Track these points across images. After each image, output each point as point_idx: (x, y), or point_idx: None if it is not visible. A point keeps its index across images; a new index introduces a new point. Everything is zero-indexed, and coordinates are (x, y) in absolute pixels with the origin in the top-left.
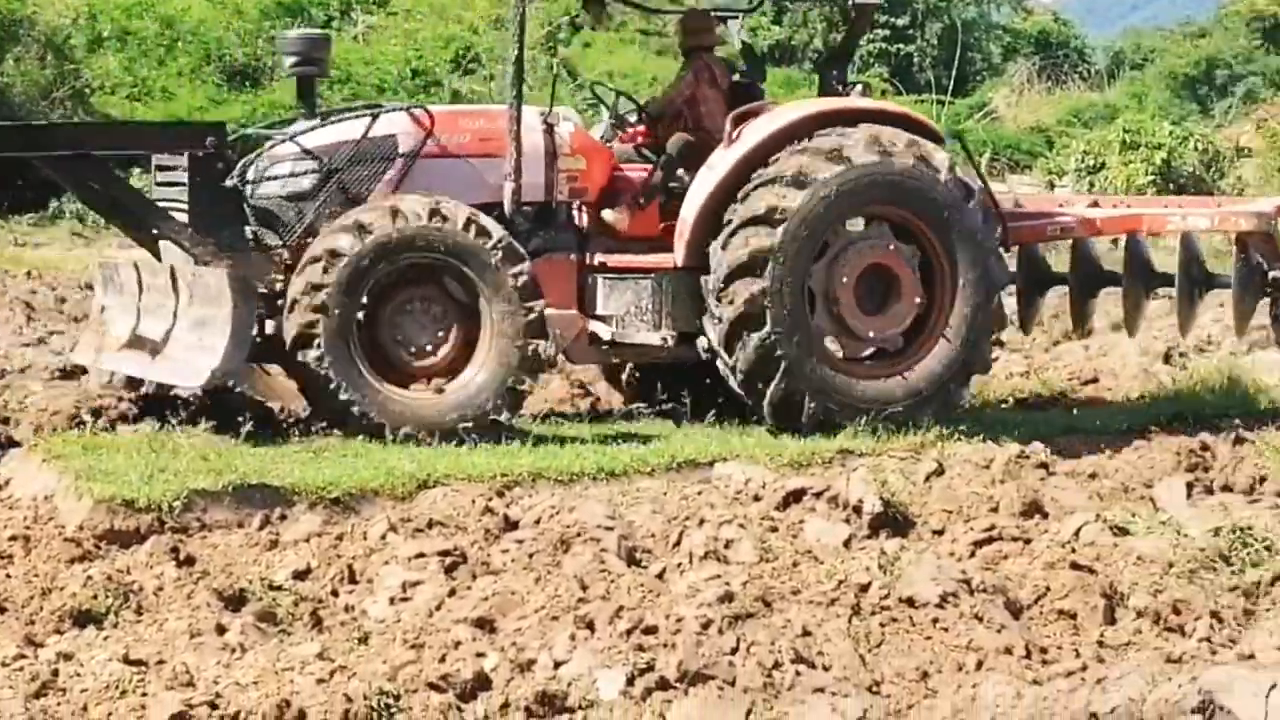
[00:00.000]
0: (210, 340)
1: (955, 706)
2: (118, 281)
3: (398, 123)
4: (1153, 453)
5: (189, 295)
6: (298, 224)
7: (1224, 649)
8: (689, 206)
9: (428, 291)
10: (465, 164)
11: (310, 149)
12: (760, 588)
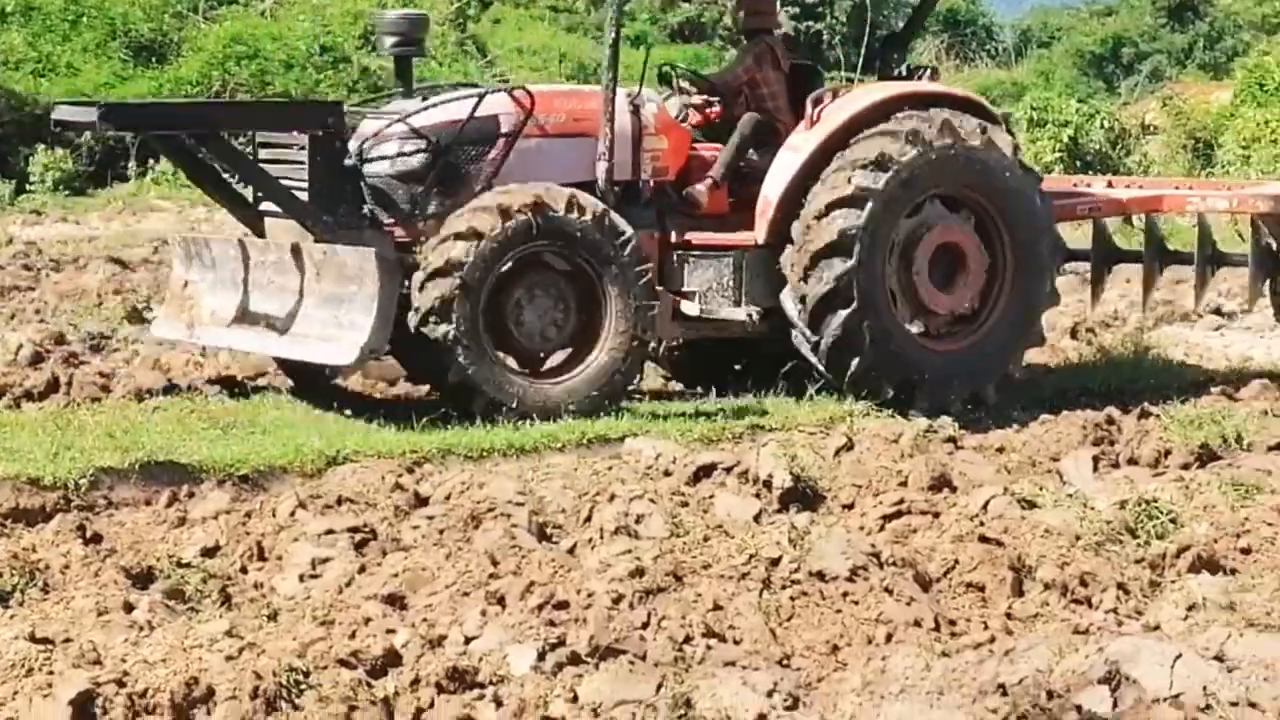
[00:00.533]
0: (352, 317)
1: (865, 678)
2: (207, 258)
3: (500, 103)
4: (1060, 427)
5: (315, 273)
6: (408, 203)
7: (1130, 620)
8: (772, 186)
9: (550, 278)
10: (561, 144)
11: (418, 129)
12: (671, 562)
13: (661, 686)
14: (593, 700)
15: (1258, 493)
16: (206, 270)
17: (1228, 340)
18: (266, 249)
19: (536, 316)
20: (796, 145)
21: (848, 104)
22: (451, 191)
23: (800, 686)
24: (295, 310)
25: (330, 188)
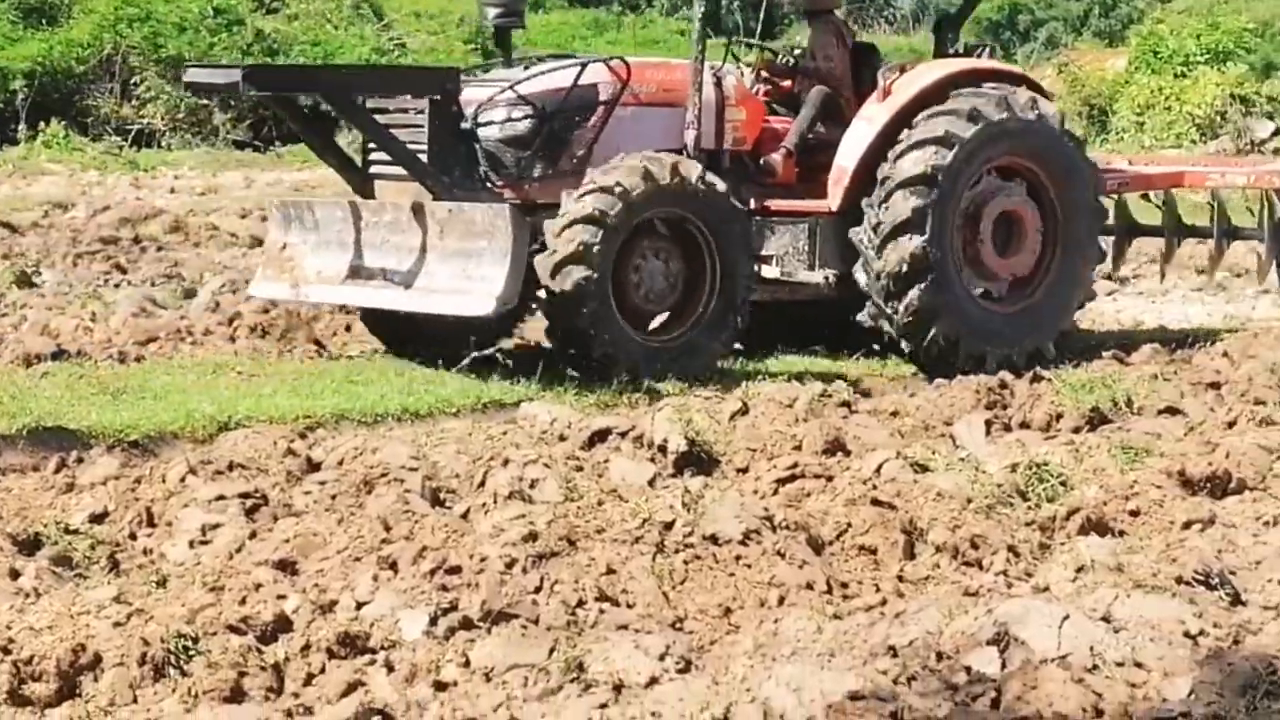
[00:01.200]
0: (483, 270)
1: (757, 641)
2: (309, 220)
3: (600, 73)
4: (953, 391)
5: (439, 230)
6: (514, 166)
7: (1020, 582)
8: (846, 155)
9: (661, 243)
10: (652, 113)
11: (526, 96)
12: (565, 527)
13: (554, 650)
14: (485, 664)
15: (1147, 455)
16: (308, 232)
17: (1120, 305)
18: (381, 209)
19: (649, 278)
20: (870, 117)
21: (916, 79)
22: (554, 156)
23: (692, 649)
24: (417, 266)
25: (447, 150)
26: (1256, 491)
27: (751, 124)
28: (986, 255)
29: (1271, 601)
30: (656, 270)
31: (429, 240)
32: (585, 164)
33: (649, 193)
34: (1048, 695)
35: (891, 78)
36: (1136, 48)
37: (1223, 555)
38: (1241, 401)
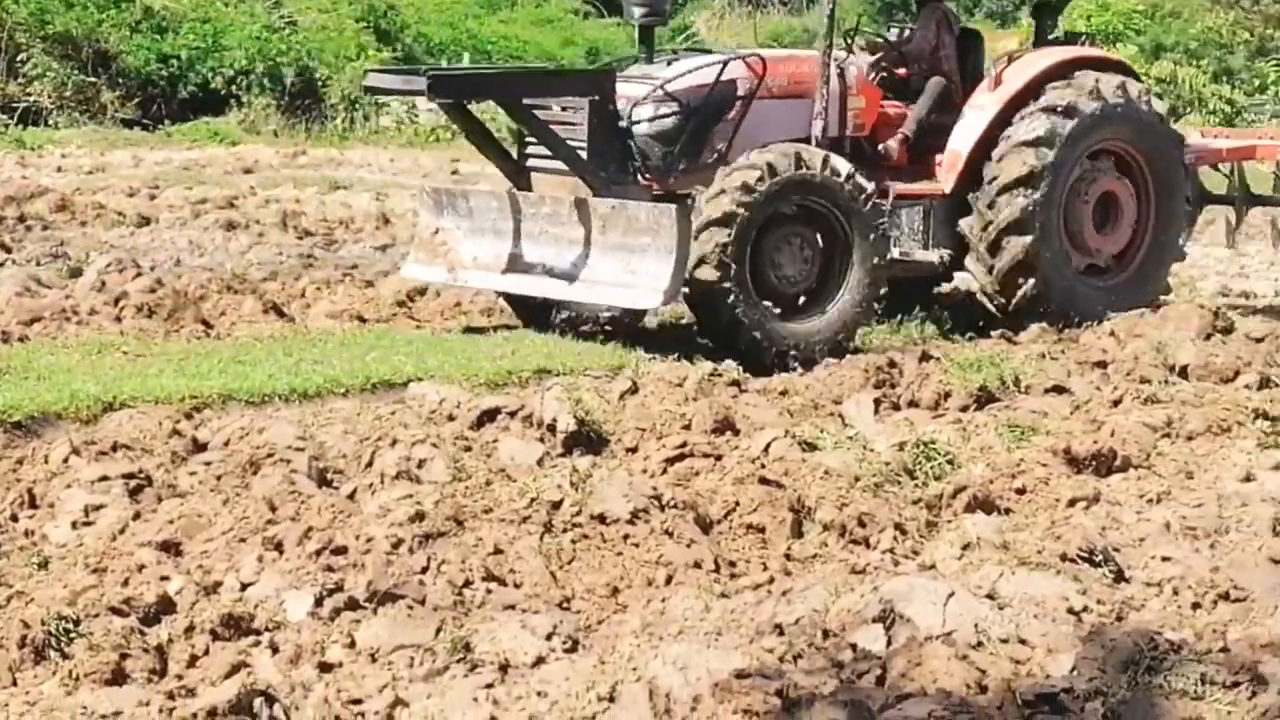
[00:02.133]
0: (649, 266)
1: (645, 620)
2: (462, 207)
3: (738, 69)
4: (842, 370)
5: (601, 225)
6: (661, 160)
7: (907, 560)
8: (960, 140)
9: (796, 229)
10: (783, 105)
11: (672, 93)
12: (452, 507)
13: (440, 630)
14: (370, 645)
15: (1033, 434)
16: (461, 219)
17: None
18: (539, 202)
19: (787, 263)
20: (982, 104)
21: (1026, 67)
22: (697, 150)
23: (580, 629)
24: (579, 259)
25: (604, 147)
26: (1141, 469)
27: (870, 111)
28: (1088, 235)
29: (1154, 578)
30: (794, 257)
31: (591, 234)
32: (725, 157)
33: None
34: (932, 672)
35: (1002, 66)
36: (1028, 29)
37: (1107, 533)
38: (1127, 380)
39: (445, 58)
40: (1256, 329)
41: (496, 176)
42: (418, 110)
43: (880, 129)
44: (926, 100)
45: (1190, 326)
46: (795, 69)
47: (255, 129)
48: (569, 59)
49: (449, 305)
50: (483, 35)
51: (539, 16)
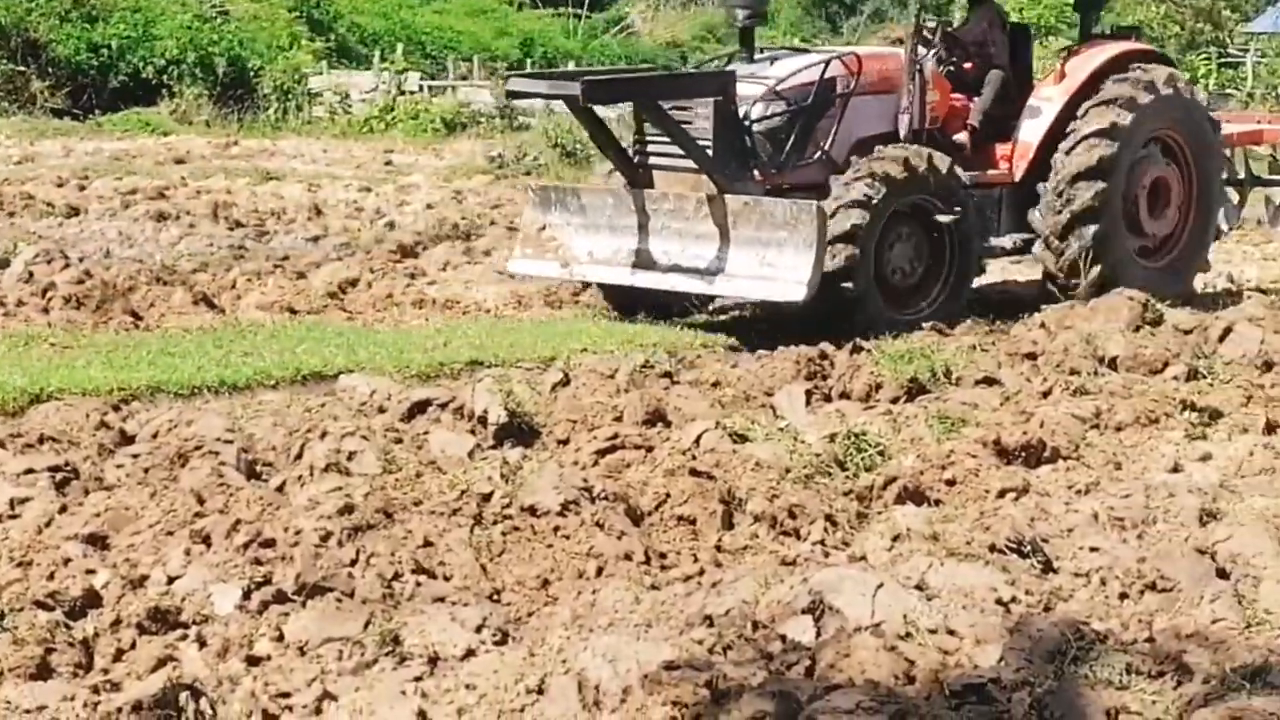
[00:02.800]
0: (788, 260)
1: (575, 612)
2: (573, 205)
3: (837, 68)
4: (774, 362)
5: (733, 220)
6: (770, 156)
7: (837, 551)
8: (1029, 132)
9: (908, 225)
10: (874, 100)
11: (781, 92)
12: (382, 499)
13: (369, 623)
14: (299, 638)
15: (963, 425)
16: (571, 215)
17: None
18: (661, 198)
19: (898, 257)
20: (1049, 96)
21: (1085, 62)
22: (803, 145)
23: (510, 621)
24: (711, 253)
25: (726, 144)
26: (1070, 460)
27: (943, 104)
28: (1143, 219)
29: (1082, 568)
30: (905, 250)
31: (722, 230)
32: (828, 152)
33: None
34: (860, 663)
35: (1063, 60)
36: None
37: (1035, 523)
38: (1057, 372)
39: (379, 48)
40: (1185, 321)
41: (430, 166)
42: (350, 101)
43: (950, 120)
44: (989, 93)
45: (1120, 318)
46: (883, 66)
47: (187, 119)
48: (503, 50)
49: (381, 297)
50: (417, 25)
51: (473, 7)
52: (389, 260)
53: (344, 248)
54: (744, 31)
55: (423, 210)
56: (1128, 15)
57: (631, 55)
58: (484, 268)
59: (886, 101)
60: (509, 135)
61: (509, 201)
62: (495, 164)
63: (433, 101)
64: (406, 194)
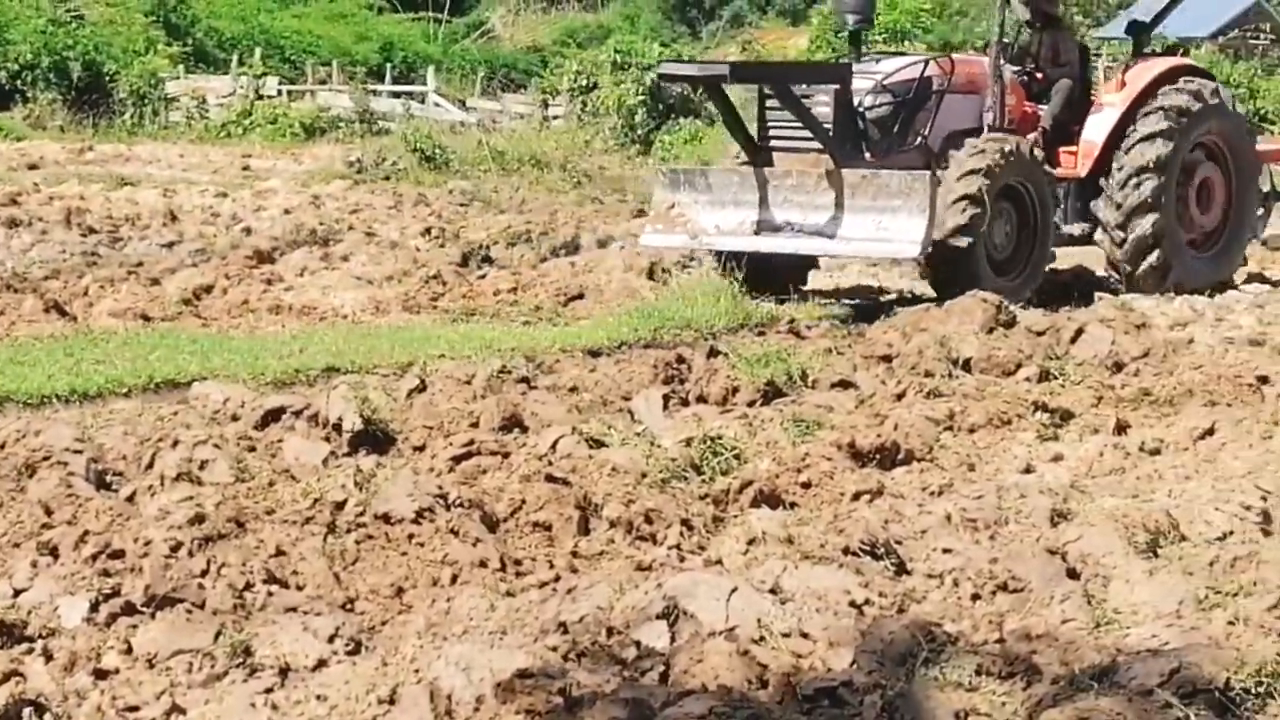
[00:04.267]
0: (902, 224)
1: (429, 620)
2: (700, 184)
3: (935, 68)
4: (632, 366)
5: (851, 192)
6: (881, 141)
7: (692, 555)
8: (1093, 132)
9: (1004, 205)
10: (963, 99)
11: (889, 86)
12: (234, 508)
13: (220, 634)
14: (147, 651)
15: (819, 428)
16: (699, 194)
17: None
18: (785, 175)
19: (997, 232)
20: (1112, 102)
21: (1142, 74)
22: (905, 134)
23: (363, 630)
24: (829, 221)
25: (844, 128)
26: (924, 462)
27: (1018, 107)
28: (1193, 214)
29: (935, 570)
30: (1001, 228)
31: (840, 200)
32: (925, 139)
33: (1013, 162)
34: (713, 668)
35: (1122, 72)
36: (818, 26)
37: (889, 525)
38: (911, 374)
39: (237, 52)
40: (1038, 322)
41: (288, 171)
42: (208, 105)
43: (1023, 123)
44: (1058, 99)
45: (974, 320)
46: (971, 70)
47: (41, 124)
48: (363, 54)
49: (236, 303)
50: (275, 30)
51: (332, 11)
52: (245, 266)
53: (199, 254)
54: (853, 34)
55: (280, 215)
56: (982, 20)
57: (492, 59)
58: (341, 273)
59: (974, 101)
60: (368, 140)
61: (367, 206)
62: (354, 169)
63: (291, 106)
64: (264, 199)
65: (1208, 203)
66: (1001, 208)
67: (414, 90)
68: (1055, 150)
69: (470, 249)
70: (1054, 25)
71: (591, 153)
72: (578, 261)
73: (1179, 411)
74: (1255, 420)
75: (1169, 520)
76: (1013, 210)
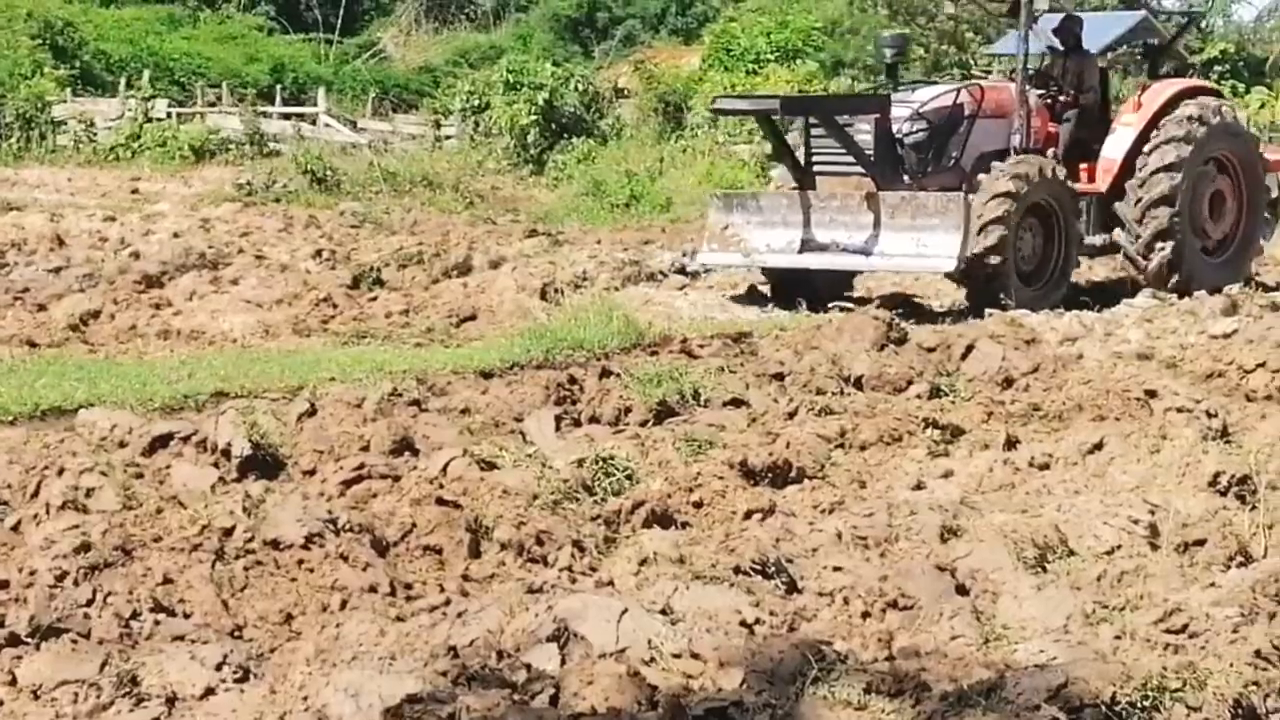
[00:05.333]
0: (940, 240)
1: (318, 647)
2: (752, 207)
3: (966, 96)
4: (524, 387)
5: (890, 213)
6: (914, 164)
7: (584, 577)
8: (1112, 150)
9: (1031, 221)
10: (992, 123)
11: (924, 114)
12: (121, 536)
13: (106, 664)
14: (33, 682)
15: (710, 447)
16: (751, 215)
17: (692, 299)
18: (830, 197)
19: (1025, 245)
20: (1129, 122)
21: (1157, 95)
22: (939, 157)
23: (251, 658)
24: (871, 238)
25: (884, 153)
26: (815, 480)
27: (1042, 130)
28: (1205, 221)
29: (826, 588)
30: (1028, 242)
31: (881, 219)
32: (958, 161)
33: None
34: (603, 690)
35: (1139, 94)
36: (710, 46)
37: (781, 544)
38: (803, 392)
39: (126, 75)
40: (928, 339)
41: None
42: (96, 129)
43: (1047, 143)
44: (1080, 120)
45: (865, 338)
46: (999, 96)
47: None
48: (253, 76)
49: (124, 329)
50: (165, 52)
51: (222, 33)
52: (133, 291)
53: (87, 279)
54: (890, 66)
55: (169, 239)
56: (873, 39)
57: (384, 80)
58: (231, 297)
59: (1002, 124)
60: (259, 162)
61: (258, 229)
62: (244, 191)
63: (181, 129)
64: (152, 223)
65: (1220, 212)
66: (1028, 224)
67: (305, 112)
68: (1077, 167)
69: (361, 271)
70: (1076, 52)
71: (484, 173)
72: (470, 282)
73: (1068, 426)
74: (1143, 434)
75: (1058, 535)
76: (1039, 225)
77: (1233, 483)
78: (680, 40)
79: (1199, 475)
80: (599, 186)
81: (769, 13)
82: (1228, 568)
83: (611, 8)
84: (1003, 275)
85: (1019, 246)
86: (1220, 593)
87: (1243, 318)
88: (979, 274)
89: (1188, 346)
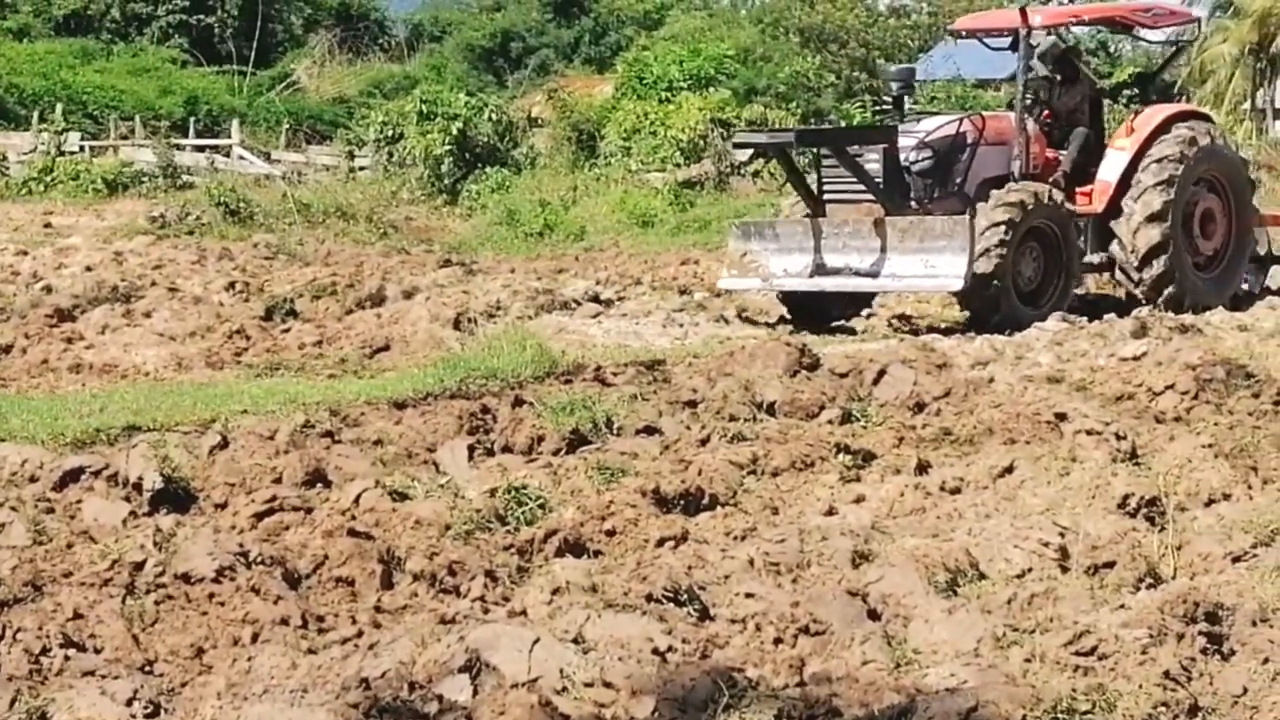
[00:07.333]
0: (947, 261)
1: (230, 680)
2: (769, 234)
3: (968, 125)
4: (437, 417)
5: (899, 237)
6: (921, 190)
7: (497, 607)
8: (1108, 172)
9: (1030, 242)
10: (993, 150)
11: (929, 143)
12: (30, 571)
13: (16, 701)
14: None
15: (623, 475)
16: (768, 242)
17: (606, 327)
18: (842, 223)
19: (1026, 268)
20: (1123, 146)
21: (1149, 119)
22: (944, 183)
23: (162, 693)
24: (880, 261)
25: (893, 180)
26: (728, 507)
27: (1041, 155)
28: (1196, 239)
29: (738, 615)
30: (1029, 262)
31: (890, 243)
32: (961, 187)
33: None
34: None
35: (1131, 119)
36: (623, 74)
37: (693, 571)
38: (716, 419)
39: (38, 108)
40: (840, 364)
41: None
42: (8, 163)
43: (1046, 168)
44: (1075, 146)
45: (777, 364)
46: (1000, 125)
47: None
48: (167, 108)
49: (36, 363)
50: (78, 85)
51: (136, 66)
52: (45, 325)
53: None
54: (896, 99)
55: (82, 273)
56: (785, 66)
57: (298, 111)
58: (144, 330)
59: (1003, 151)
60: (172, 194)
61: (171, 261)
62: (157, 224)
63: (94, 162)
64: (65, 256)
65: (1210, 229)
66: (1029, 247)
67: (218, 144)
68: (1074, 190)
69: (274, 303)
70: (1073, 80)
71: (398, 203)
72: (384, 313)
73: (979, 450)
74: (1053, 457)
75: (969, 559)
76: (1039, 247)
77: (1142, 504)
78: (594, 69)
79: (1108, 497)
80: (513, 216)
81: (682, 41)
82: (1137, 589)
83: (525, 37)
84: (1003, 296)
85: (1020, 269)
86: (1129, 614)
87: (1152, 340)
88: (980, 295)
89: (1098, 369)
